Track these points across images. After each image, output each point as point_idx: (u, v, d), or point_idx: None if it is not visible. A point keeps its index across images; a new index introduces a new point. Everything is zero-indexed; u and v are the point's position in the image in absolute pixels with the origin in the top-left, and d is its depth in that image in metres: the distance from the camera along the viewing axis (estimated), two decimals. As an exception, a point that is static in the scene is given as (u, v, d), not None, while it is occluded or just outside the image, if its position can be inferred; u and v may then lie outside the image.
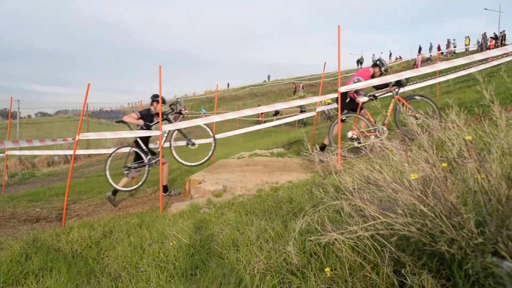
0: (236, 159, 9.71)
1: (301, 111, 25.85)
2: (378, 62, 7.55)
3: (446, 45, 42.18)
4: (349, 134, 6.76)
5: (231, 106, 44.12)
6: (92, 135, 7.38)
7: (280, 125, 21.79)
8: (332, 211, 2.06)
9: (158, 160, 7.45)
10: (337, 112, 6.72)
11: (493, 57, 10.87)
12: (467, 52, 36.79)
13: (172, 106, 7.75)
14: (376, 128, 6.61)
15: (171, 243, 3.53)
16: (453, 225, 1.46)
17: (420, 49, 45.11)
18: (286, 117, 21.21)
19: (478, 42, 38.05)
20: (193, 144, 7.51)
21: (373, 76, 7.37)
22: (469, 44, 39.96)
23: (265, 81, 65.76)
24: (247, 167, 7.79)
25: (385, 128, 6.58)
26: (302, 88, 44.86)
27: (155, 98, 7.79)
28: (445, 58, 36.22)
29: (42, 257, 3.88)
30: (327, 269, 1.92)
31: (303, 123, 26.92)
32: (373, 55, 54.07)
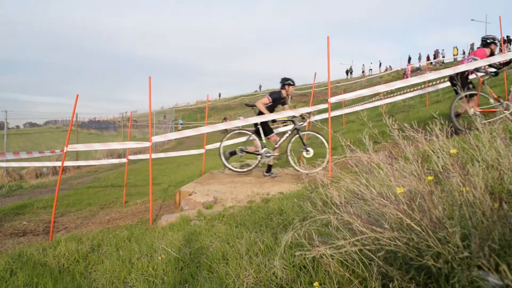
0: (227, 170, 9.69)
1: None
2: (490, 40, 7.46)
3: (434, 55, 42.68)
4: (471, 111, 6.78)
5: (222, 116, 44.15)
6: (80, 147, 7.33)
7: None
8: (320, 225, 2.06)
9: (272, 156, 7.54)
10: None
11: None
12: (455, 62, 37.30)
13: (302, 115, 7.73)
14: (500, 104, 6.68)
15: (160, 257, 3.50)
16: (439, 239, 1.46)
17: (409, 59, 45.71)
18: (279, 126, 21.20)
19: (464, 52, 38.60)
20: (308, 151, 7.40)
21: (491, 54, 7.34)
22: (457, 54, 40.52)
23: (256, 91, 65.89)
24: (238, 178, 7.76)
25: (510, 104, 6.67)
26: (290, 98, 44.62)
27: (286, 81, 7.76)
28: (434, 68, 36.68)
29: (28, 272, 3.81)
30: (315, 284, 1.90)
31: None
32: (363, 65, 54.53)
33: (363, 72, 54.32)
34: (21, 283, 3.59)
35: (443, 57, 41.72)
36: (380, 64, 52.81)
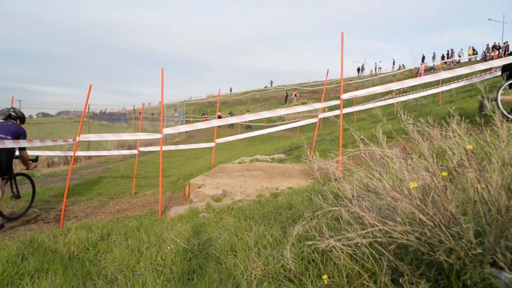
0: (236, 164, 9.70)
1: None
2: None
3: (447, 54, 42.25)
4: None
5: (233, 111, 44.20)
6: (92, 137, 7.37)
7: (282, 130, 21.81)
8: (331, 218, 2.05)
9: None
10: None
11: (496, 67, 10.91)
12: (470, 62, 36.92)
13: None
14: None
15: (168, 247, 3.51)
16: (452, 234, 1.44)
17: (423, 58, 45.27)
18: (289, 122, 21.21)
19: (481, 52, 38.15)
20: None
21: None
22: (472, 54, 40.04)
23: (266, 86, 65.80)
24: (248, 172, 7.77)
25: None
26: (296, 96, 44.17)
27: None
28: (448, 68, 36.33)
29: (39, 258, 3.85)
30: (324, 277, 1.90)
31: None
32: (375, 63, 54.25)
33: (375, 69, 54.07)
34: (32, 268, 3.63)
35: (460, 56, 41.21)
36: (394, 62, 52.44)
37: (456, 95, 17.73)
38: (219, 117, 26.75)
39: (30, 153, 7.61)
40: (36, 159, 7.86)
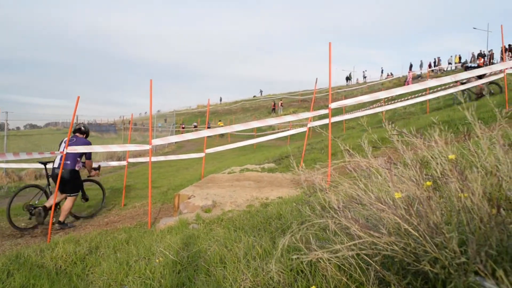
0: (227, 174, 9.69)
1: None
2: None
3: (434, 63, 42.82)
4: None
5: (223, 120, 44.20)
6: (80, 149, 7.32)
7: (272, 139, 21.81)
8: (318, 229, 2.05)
9: None
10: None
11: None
12: (457, 70, 37.42)
13: None
14: None
15: (157, 260, 3.49)
16: (436, 244, 1.45)
17: (411, 66, 45.73)
18: (278, 132, 21.25)
19: (467, 60, 38.69)
20: None
21: None
22: (459, 62, 40.58)
23: (254, 96, 65.83)
24: (238, 182, 7.76)
25: None
26: (281, 105, 44.36)
27: None
28: (435, 75, 36.78)
29: (25, 273, 3.80)
30: (313, 287, 1.90)
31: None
32: (363, 72, 54.89)
33: (364, 77, 54.58)
34: (17, 284, 3.58)
35: (450, 63, 41.68)
36: (382, 71, 52.93)
37: (443, 102, 17.92)
38: (209, 127, 26.78)
39: (17, 166, 7.61)
40: (98, 168, 8.75)
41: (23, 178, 16.12)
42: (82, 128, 8.02)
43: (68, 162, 7.37)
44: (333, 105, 6.66)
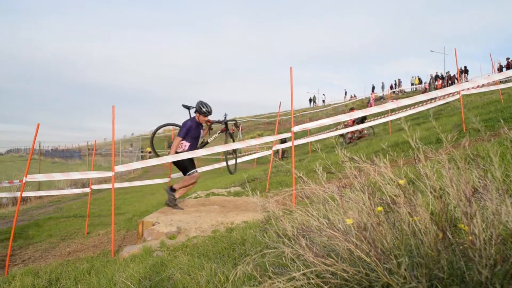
0: (192, 198, 9.61)
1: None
2: None
3: (395, 84, 44.31)
4: None
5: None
6: (40, 177, 7.11)
7: (239, 163, 21.79)
8: (275, 256, 2.07)
9: None
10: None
11: (440, 96, 11.52)
12: (417, 91, 38.77)
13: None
14: None
15: (118, 291, 3.41)
16: (388, 269, 1.49)
17: (373, 88, 46.94)
18: (245, 155, 21.28)
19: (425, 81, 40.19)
20: None
21: None
22: (418, 83, 42.07)
23: (219, 120, 65.63)
24: (203, 207, 7.70)
25: None
26: (241, 130, 44.57)
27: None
28: (396, 97, 37.97)
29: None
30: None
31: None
32: (323, 95, 56.36)
33: (323, 101, 55.89)
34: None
35: (412, 84, 43.05)
36: (346, 93, 54.15)
37: (407, 123, 18.43)
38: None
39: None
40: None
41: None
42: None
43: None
44: (296, 128, 6.75)
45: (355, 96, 49.79)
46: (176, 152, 7.22)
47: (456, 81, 31.99)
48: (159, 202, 11.99)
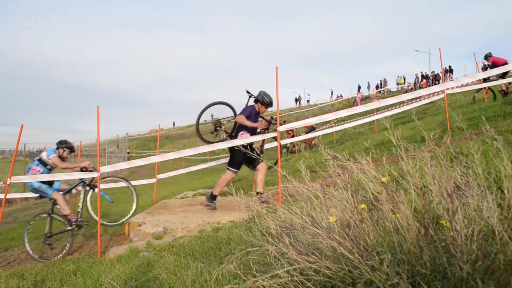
0: (179, 199, 9.57)
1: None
2: None
3: (381, 84, 44.65)
4: None
5: (176, 145, 43.74)
6: (25, 178, 7.04)
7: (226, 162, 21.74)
8: (260, 254, 2.07)
9: None
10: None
11: (425, 95, 11.66)
12: (402, 91, 39.12)
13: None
14: None
15: (103, 292, 3.38)
16: (371, 266, 1.50)
17: (359, 87, 47.26)
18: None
19: (411, 81, 40.59)
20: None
21: None
22: (404, 83, 42.44)
23: (205, 120, 65.67)
24: (190, 207, 7.68)
25: None
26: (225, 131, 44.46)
27: None
28: (382, 96, 38.29)
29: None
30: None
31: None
32: (308, 95, 56.66)
33: (307, 101, 56.15)
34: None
35: (398, 84, 43.30)
36: (332, 92, 54.43)
37: (391, 122, 18.59)
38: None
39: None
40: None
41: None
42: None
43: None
44: (282, 128, 6.77)
45: (341, 95, 50.05)
46: (233, 137, 7.23)
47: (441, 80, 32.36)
48: (145, 203, 11.90)
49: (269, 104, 7.00)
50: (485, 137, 5.90)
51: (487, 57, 13.09)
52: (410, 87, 38.89)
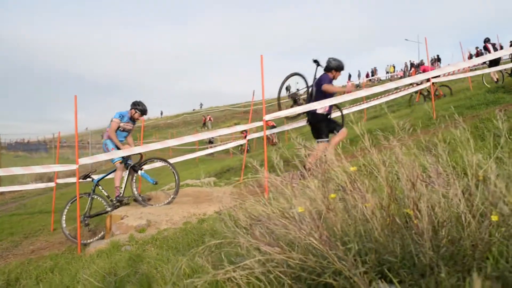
0: (166, 190, 9.50)
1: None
2: None
3: (372, 72, 44.85)
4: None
5: (164, 135, 43.51)
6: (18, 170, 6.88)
7: (213, 153, 21.80)
8: (234, 246, 2.05)
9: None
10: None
11: (408, 84, 11.74)
12: (391, 79, 39.32)
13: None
14: None
15: (80, 288, 3.33)
16: (338, 255, 1.49)
17: (349, 76, 47.28)
18: (219, 145, 21.23)
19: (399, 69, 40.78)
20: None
21: None
22: (393, 71, 42.63)
23: (194, 109, 65.52)
24: (175, 199, 7.63)
25: None
26: (210, 120, 44.87)
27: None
28: (372, 84, 38.47)
29: None
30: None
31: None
32: (297, 83, 56.61)
33: (297, 90, 56.12)
34: None
35: (387, 72, 43.45)
36: (323, 81, 54.43)
37: (380, 111, 18.67)
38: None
39: None
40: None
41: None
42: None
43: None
44: (267, 117, 6.74)
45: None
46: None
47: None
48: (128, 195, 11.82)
49: (343, 68, 6.98)
50: (468, 126, 5.94)
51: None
52: (399, 76, 39.05)
